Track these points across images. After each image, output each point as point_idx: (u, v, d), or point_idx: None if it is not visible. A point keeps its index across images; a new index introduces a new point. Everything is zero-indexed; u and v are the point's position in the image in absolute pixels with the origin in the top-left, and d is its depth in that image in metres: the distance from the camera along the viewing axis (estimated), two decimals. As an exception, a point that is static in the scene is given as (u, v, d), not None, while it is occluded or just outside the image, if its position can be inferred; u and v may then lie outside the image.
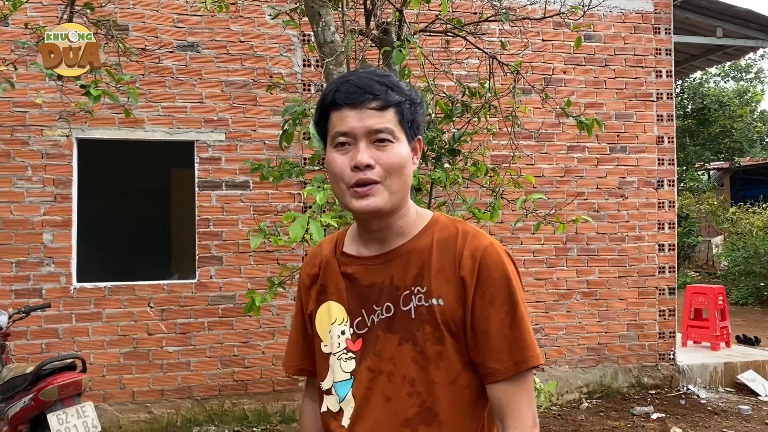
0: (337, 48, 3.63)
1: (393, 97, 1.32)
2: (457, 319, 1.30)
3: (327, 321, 1.43)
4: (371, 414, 1.33)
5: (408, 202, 1.39)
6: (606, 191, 6.45)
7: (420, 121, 1.38)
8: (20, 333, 4.99)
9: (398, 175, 1.31)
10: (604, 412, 5.93)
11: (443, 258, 1.33)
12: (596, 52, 6.46)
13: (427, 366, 1.30)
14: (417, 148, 1.40)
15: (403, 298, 1.33)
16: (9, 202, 5.15)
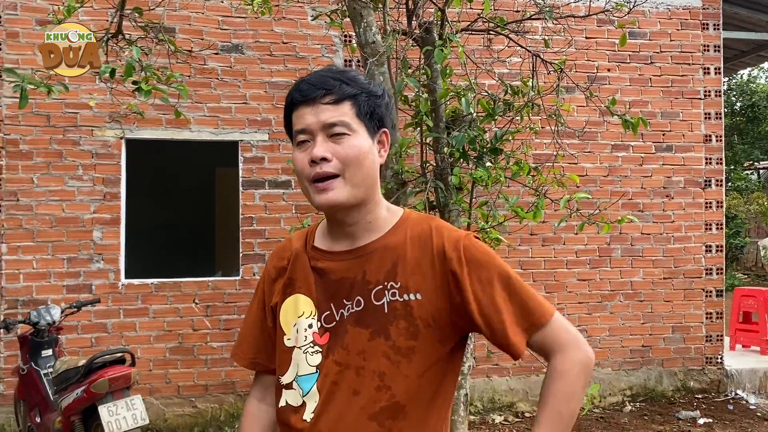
0: (378, 48, 3.65)
1: (347, 90, 1.34)
2: (436, 312, 1.32)
3: (293, 314, 1.42)
4: (337, 408, 1.32)
5: (376, 196, 1.40)
6: (651, 191, 6.33)
7: (383, 114, 1.39)
8: (71, 327, 5.15)
9: (358, 166, 1.33)
10: (648, 416, 5.82)
11: (419, 254, 1.35)
12: (641, 50, 6.34)
13: (398, 360, 1.31)
14: (383, 141, 1.40)
15: (375, 293, 1.34)
16: (61, 200, 5.32)
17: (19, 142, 5.28)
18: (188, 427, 5.39)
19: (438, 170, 3.89)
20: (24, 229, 5.25)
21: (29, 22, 5.31)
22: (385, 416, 1.30)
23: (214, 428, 5.41)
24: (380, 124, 1.39)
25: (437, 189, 3.84)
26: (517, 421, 5.77)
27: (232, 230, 5.84)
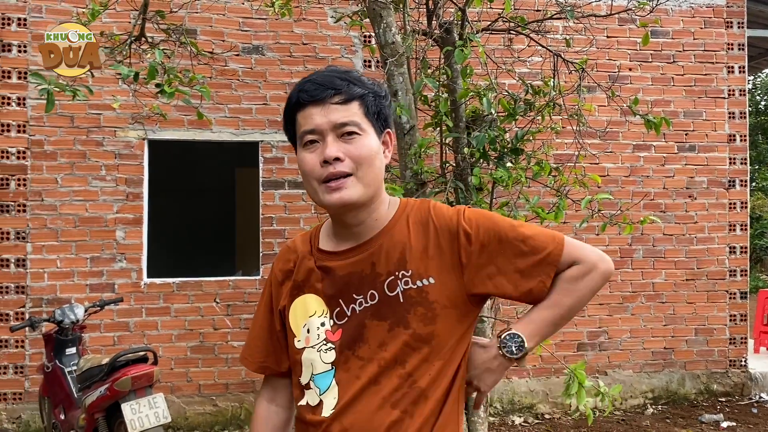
0: (398, 49, 3.66)
1: (355, 90, 1.34)
2: (451, 293, 1.35)
3: (302, 316, 1.42)
4: (358, 400, 1.33)
5: (382, 196, 1.41)
6: (673, 191, 6.26)
7: (387, 114, 1.40)
8: (94, 326, 5.22)
9: (369, 166, 1.33)
10: (670, 419, 5.76)
11: (424, 238, 1.37)
12: (664, 49, 6.28)
13: (420, 347, 1.33)
14: (387, 141, 1.42)
15: (388, 284, 1.35)
16: (85, 200, 5.39)
17: (44, 142, 5.36)
18: (209, 426, 5.44)
19: (458, 170, 3.88)
20: (48, 229, 5.33)
21: (54, 25, 5.38)
22: (407, 402, 1.32)
23: (234, 427, 5.45)
24: (385, 125, 1.41)
25: (457, 189, 3.83)
26: (537, 422, 5.73)
27: (253, 230, 5.88)
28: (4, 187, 5.29)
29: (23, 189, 5.32)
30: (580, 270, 1.38)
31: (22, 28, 5.35)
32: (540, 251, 1.36)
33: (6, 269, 5.27)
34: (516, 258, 1.36)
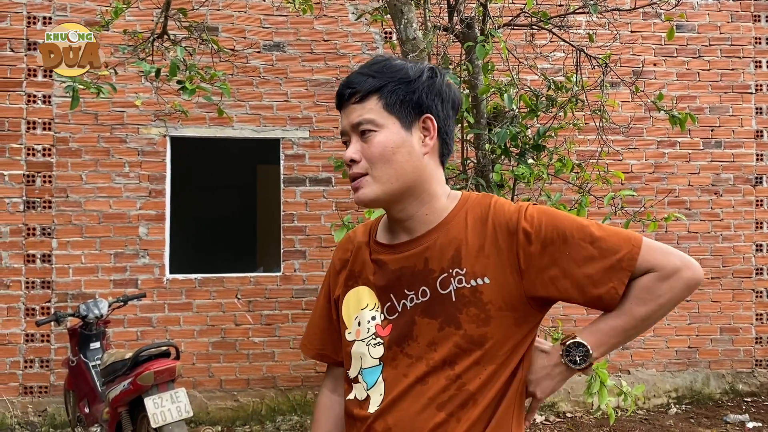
0: (419, 45, 3.64)
1: (371, 85, 1.30)
2: (507, 294, 1.28)
3: (355, 307, 1.41)
4: (404, 399, 1.29)
5: (430, 188, 1.34)
6: (699, 188, 6.17)
7: (421, 98, 1.31)
8: (118, 321, 5.28)
9: (384, 162, 1.29)
10: (694, 419, 5.68)
11: (481, 235, 1.30)
12: (689, 43, 6.18)
13: (471, 348, 1.27)
14: (429, 127, 1.33)
15: (440, 282, 1.30)
16: (108, 196, 5.46)
17: (69, 140, 5.43)
18: (230, 421, 5.48)
19: (479, 167, 3.86)
20: (73, 225, 5.41)
21: (77, 23, 5.44)
22: (454, 405, 1.27)
23: (255, 422, 5.49)
24: (418, 111, 1.32)
25: (478, 186, 3.81)
26: (558, 421, 5.69)
27: (274, 227, 5.91)
28: (30, 183, 5.38)
29: (49, 186, 5.40)
30: (659, 277, 1.27)
31: (47, 27, 5.42)
32: (612, 254, 1.26)
33: (32, 265, 5.35)
34: (584, 261, 1.26)
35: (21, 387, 5.31)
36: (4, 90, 5.37)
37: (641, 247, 1.27)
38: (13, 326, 5.30)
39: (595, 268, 1.26)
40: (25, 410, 5.29)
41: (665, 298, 1.28)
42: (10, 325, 5.29)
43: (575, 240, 1.26)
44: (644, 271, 1.27)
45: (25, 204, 5.36)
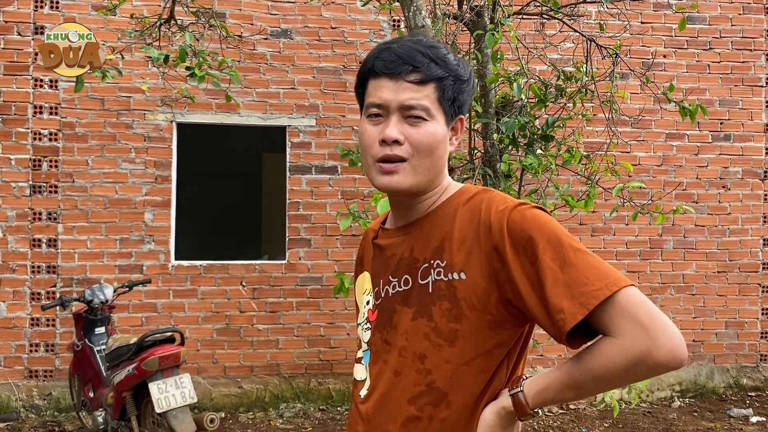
0: (428, 33, 3.61)
1: (435, 72, 1.24)
2: (482, 294, 1.20)
3: (360, 291, 1.43)
4: (383, 387, 1.29)
5: (442, 182, 1.32)
6: (707, 181, 6.13)
7: (465, 100, 1.30)
8: (123, 306, 5.29)
9: (428, 154, 1.25)
10: (697, 412, 5.67)
11: (467, 229, 1.24)
12: (700, 35, 6.12)
13: (440, 344, 1.23)
14: (458, 128, 1.32)
15: (421, 272, 1.27)
16: (114, 182, 5.45)
17: (75, 125, 5.42)
18: (234, 407, 5.50)
19: (486, 157, 3.84)
20: (79, 210, 5.41)
21: (86, 7, 5.43)
22: (424, 401, 1.24)
23: (258, 409, 5.50)
24: (459, 111, 1.29)
25: (485, 176, 3.79)
26: (561, 412, 5.69)
27: (279, 214, 5.90)
28: (36, 168, 5.38)
29: (55, 170, 5.39)
30: (618, 346, 1.10)
31: (55, 11, 5.40)
32: (577, 285, 1.12)
33: (38, 249, 5.36)
34: (548, 282, 1.14)
35: (26, 371, 5.33)
36: (10, 74, 5.36)
37: (617, 292, 1.11)
38: (18, 310, 5.31)
39: (554, 293, 1.13)
40: (30, 394, 5.32)
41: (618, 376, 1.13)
42: (15, 309, 5.31)
43: (546, 258, 1.15)
44: (608, 326, 1.12)
45: (31, 188, 5.37)
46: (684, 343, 1.11)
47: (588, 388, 1.17)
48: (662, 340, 1.08)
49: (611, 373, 1.12)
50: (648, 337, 1.09)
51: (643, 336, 1.09)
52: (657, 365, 1.09)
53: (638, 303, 1.11)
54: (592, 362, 1.14)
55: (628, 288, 1.12)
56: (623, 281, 1.12)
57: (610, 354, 1.11)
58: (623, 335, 1.10)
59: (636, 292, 1.12)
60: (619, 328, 1.11)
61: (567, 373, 1.17)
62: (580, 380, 1.16)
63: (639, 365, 1.10)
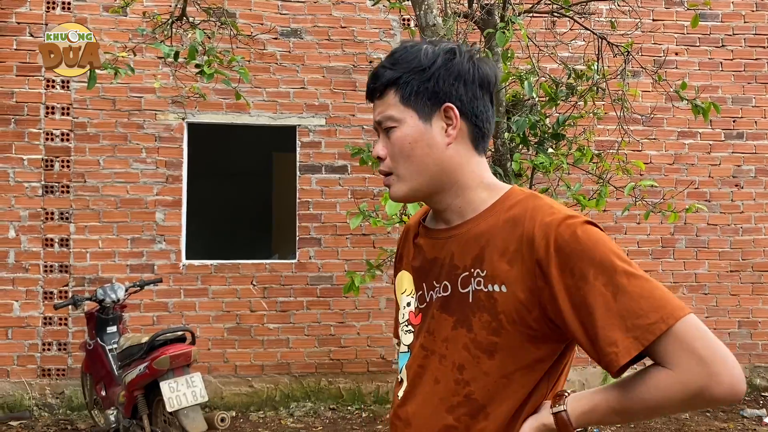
0: (439, 31, 3.60)
1: (387, 77, 1.23)
2: (521, 308, 1.15)
3: (399, 290, 1.39)
4: (421, 393, 1.26)
5: (460, 179, 1.25)
6: (719, 180, 6.08)
7: (439, 87, 1.22)
8: (134, 305, 5.32)
9: (404, 159, 1.23)
10: (710, 413, 5.63)
11: (510, 238, 1.18)
12: (712, 32, 6.07)
13: (479, 356, 1.19)
14: (451, 116, 1.23)
15: (461, 280, 1.22)
16: (126, 182, 5.48)
17: (87, 125, 5.45)
18: (244, 406, 5.51)
19: (497, 156, 3.82)
20: (91, 210, 5.44)
21: (96, 8, 5.46)
22: (461, 412, 1.21)
23: (269, 408, 5.51)
24: (436, 100, 1.22)
25: (496, 175, 3.78)
26: (572, 412, 5.66)
27: (289, 214, 5.91)
28: (48, 168, 5.41)
29: (67, 170, 5.43)
30: (675, 380, 1.06)
31: (67, 12, 5.43)
32: (631, 317, 1.07)
33: (50, 248, 5.40)
34: (598, 309, 1.08)
35: (39, 369, 5.37)
36: (23, 75, 5.40)
37: (674, 325, 1.06)
38: (31, 309, 5.35)
39: (606, 323, 1.08)
40: (43, 392, 5.36)
41: (674, 407, 1.11)
42: (28, 308, 5.35)
43: (598, 284, 1.09)
44: (664, 358, 1.08)
45: (43, 188, 5.40)
46: (743, 376, 1.08)
47: (638, 416, 1.15)
48: (723, 376, 1.05)
49: (666, 405, 1.09)
50: (707, 372, 1.05)
51: (701, 371, 1.05)
52: (715, 400, 1.06)
53: (697, 335, 1.07)
54: (645, 392, 1.10)
55: (685, 318, 1.07)
56: (681, 311, 1.07)
57: (665, 386, 1.08)
58: (681, 369, 1.06)
59: (694, 322, 1.07)
60: (676, 362, 1.06)
61: (617, 399, 1.13)
62: (631, 408, 1.12)
63: (696, 399, 1.07)
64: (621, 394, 1.13)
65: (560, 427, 1.15)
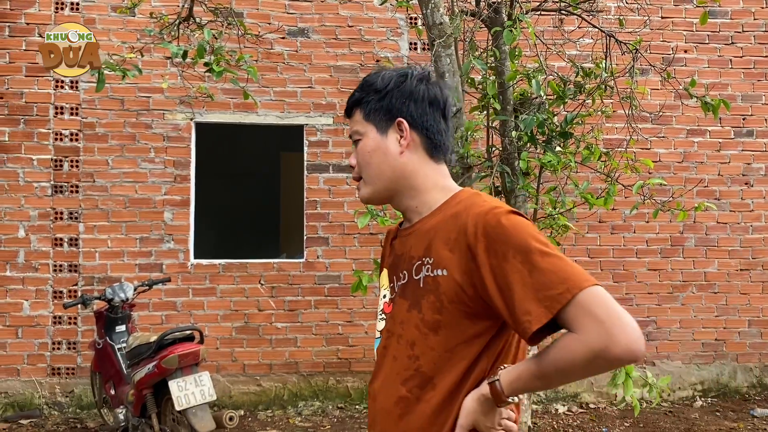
0: (446, 30, 3.59)
1: (354, 99, 1.49)
2: (459, 289, 1.33)
3: (382, 287, 1.59)
4: (383, 371, 1.45)
5: (414, 182, 1.46)
6: (729, 178, 6.04)
7: (387, 105, 1.45)
8: (143, 304, 5.34)
9: (366, 165, 1.47)
10: (720, 412, 5.60)
11: (452, 229, 1.37)
12: (721, 30, 6.03)
13: (426, 333, 1.37)
14: (402, 129, 1.45)
15: (415, 268, 1.42)
16: (134, 181, 5.50)
17: (96, 125, 5.48)
18: (253, 405, 5.52)
19: (505, 154, 3.81)
20: (100, 210, 5.46)
21: (105, 8, 5.48)
22: (413, 384, 1.38)
23: (277, 407, 5.52)
24: (390, 116, 1.45)
25: (503, 174, 3.77)
26: (581, 412, 5.65)
27: (297, 213, 5.92)
28: (57, 168, 5.44)
29: (76, 170, 5.46)
30: (579, 342, 1.22)
31: (75, 12, 5.46)
32: (542, 289, 1.24)
33: (60, 248, 5.43)
34: (516, 284, 1.26)
35: (49, 368, 5.40)
36: (32, 75, 5.42)
37: (578, 294, 1.22)
38: (41, 308, 5.38)
39: (522, 296, 1.25)
40: (53, 391, 5.39)
41: (579, 369, 1.25)
42: (38, 307, 5.38)
43: (516, 262, 1.27)
44: (571, 324, 1.23)
45: (52, 188, 5.43)
46: (641, 339, 1.21)
47: (554, 379, 1.30)
48: (619, 336, 1.19)
49: (573, 366, 1.24)
50: (606, 334, 1.19)
51: (601, 332, 1.20)
52: (614, 359, 1.21)
53: (597, 302, 1.22)
54: (556, 356, 1.25)
55: (589, 288, 1.22)
56: (585, 282, 1.23)
57: (571, 349, 1.23)
58: (583, 331, 1.21)
59: (596, 291, 1.22)
60: (579, 326, 1.22)
61: (536, 365, 1.29)
62: (547, 372, 1.27)
63: (597, 359, 1.21)
64: (539, 361, 1.29)
65: (494, 395, 1.31)
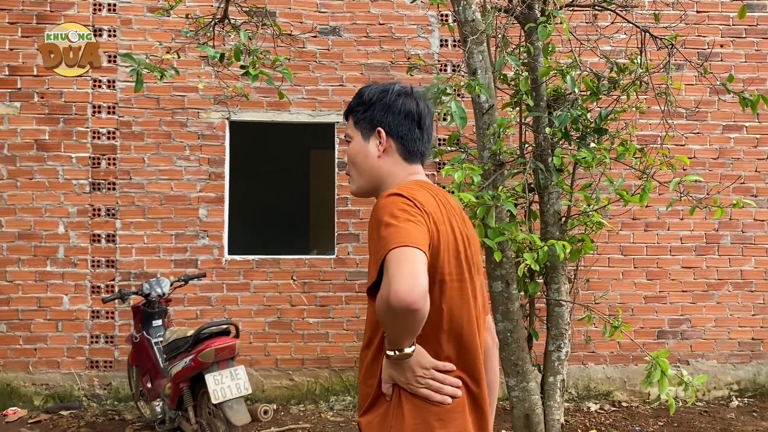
0: (478, 26, 3.59)
1: (349, 107, 1.78)
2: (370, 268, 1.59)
3: None
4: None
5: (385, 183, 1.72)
6: (766, 174, 5.93)
7: (370, 116, 1.73)
8: (178, 299, 5.44)
9: (353, 165, 1.77)
10: (757, 413, 5.51)
11: None
12: (759, 23, 5.91)
13: (369, 301, 1.62)
14: (380, 136, 1.72)
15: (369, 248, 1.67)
16: (170, 179, 5.60)
17: (132, 123, 5.59)
18: (285, 399, 5.59)
19: (538, 151, 3.80)
20: (136, 206, 5.58)
21: (141, 9, 5.58)
22: (363, 343, 1.73)
23: (309, 401, 5.59)
24: (371, 125, 1.73)
25: (536, 170, 3.76)
26: (613, 410, 5.60)
27: (327, 210, 5.96)
28: (95, 165, 5.56)
29: (113, 168, 5.57)
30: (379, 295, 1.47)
31: (112, 13, 5.57)
32: (377, 252, 1.49)
33: (97, 244, 5.55)
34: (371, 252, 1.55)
35: (87, 361, 5.53)
36: (71, 75, 5.55)
37: (386, 254, 1.45)
38: (80, 303, 5.52)
39: (372, 260, 1.54)
40: (91, 383, 5.52)
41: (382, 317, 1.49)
42: (77, 301, 5.52)
43: (374, 233, 1.54)
44: None
45: (91, 185, 5.56)
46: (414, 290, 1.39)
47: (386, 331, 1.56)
48: (394, 287, 1.40)
49: (380, 315, 1.48)
50: (387, 285, 1.42)
51: (385, 284, 1.43)
52: (390, 307, 1.41)
53: (392, 259, 1.43)
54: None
55: (393, 249, 1.44)
56: (393, 244, 1.44)
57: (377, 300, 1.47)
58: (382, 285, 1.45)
59: (398, 251, 1.43)
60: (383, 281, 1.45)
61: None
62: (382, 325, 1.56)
63: (388, 308, 1.42)
64: None
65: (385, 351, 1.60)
